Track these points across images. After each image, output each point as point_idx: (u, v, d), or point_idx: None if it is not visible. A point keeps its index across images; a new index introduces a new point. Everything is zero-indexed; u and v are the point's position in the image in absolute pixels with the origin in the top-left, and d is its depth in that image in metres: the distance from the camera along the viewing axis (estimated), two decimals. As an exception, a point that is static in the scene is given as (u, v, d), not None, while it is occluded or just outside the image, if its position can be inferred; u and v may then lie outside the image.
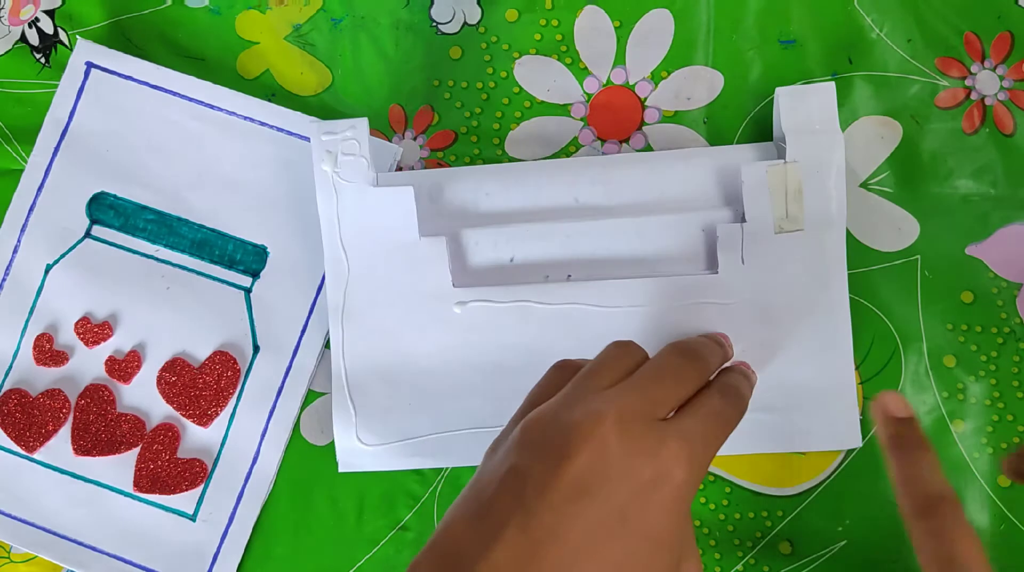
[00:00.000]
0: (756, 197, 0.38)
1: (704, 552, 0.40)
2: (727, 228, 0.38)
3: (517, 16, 0.42)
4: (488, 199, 0.41)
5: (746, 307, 0.38)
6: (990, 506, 0.38)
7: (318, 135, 0.39)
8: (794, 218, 0.38)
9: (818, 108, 0.38)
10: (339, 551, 0.41)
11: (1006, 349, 0.39)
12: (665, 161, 0.40)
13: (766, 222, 0.38)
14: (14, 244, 0.43)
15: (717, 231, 0.38)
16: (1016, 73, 0.40)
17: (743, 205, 0.38)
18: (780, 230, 0.38)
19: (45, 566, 0.43)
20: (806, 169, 0.38)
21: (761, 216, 0.38)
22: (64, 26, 0.45)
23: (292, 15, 0.44)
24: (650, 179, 0.40)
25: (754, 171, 0.38)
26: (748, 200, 0.38)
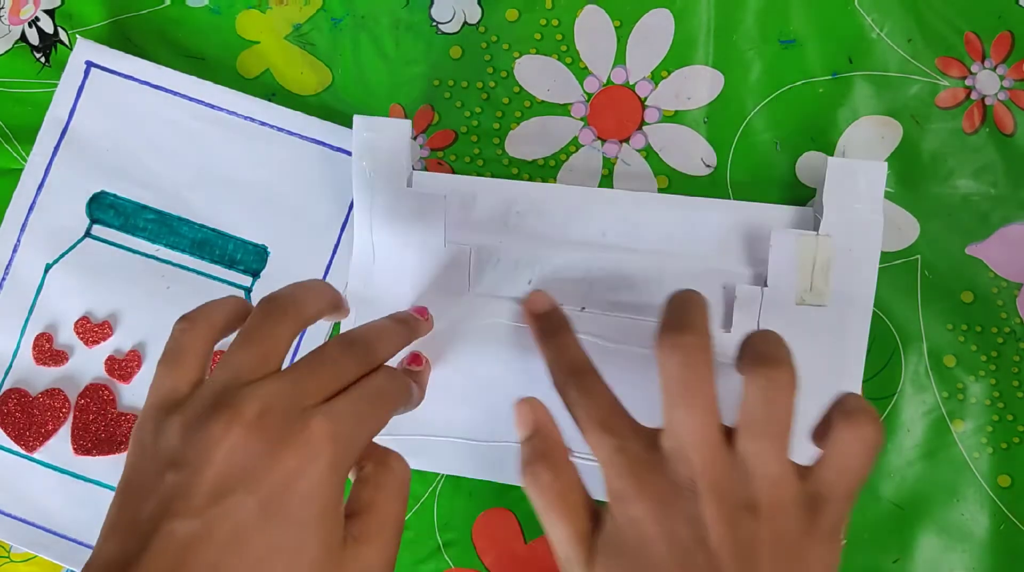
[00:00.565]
0: (782, 264, 0.37)
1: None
2: (747, 290, 0.38)
3: (517, 16, 0.42)
4: (517, 217, 0.41)
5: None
6: (990, 506, 0.38)
7: (361, 131, 0.39)
8: (818, 292, 0.37)
9: (865, 186, 0.37)
10: (339, 551, 0.41)
11: (1006, 349, 0.39)
12: (697, 209, 0.40)
13: (788, 291, 0.37)
14: (14, 243, 0.43)
15: (736, 291, 0.38)
16: (1016, 73, 0.40)
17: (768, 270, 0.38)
18: (802, 302, 0.37)
19: (45, 566, 0.43)
20: (839, 245, 0.37)
21: (784, 284, 0.37)
22: (64, 25, 0.45)
23: (292, 15, 0.44)
24: (680, 226, 0.40)
25: (784, 238, 0.37)
26: (773, 265, 0.38)
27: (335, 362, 0.29)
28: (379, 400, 0.30)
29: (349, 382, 0.29)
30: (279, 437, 0.26)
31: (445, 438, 0.40)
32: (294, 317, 0.29)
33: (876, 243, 0.37)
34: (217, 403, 0.26)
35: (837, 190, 0.37)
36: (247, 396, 0.26)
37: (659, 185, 0.41)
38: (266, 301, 0.30)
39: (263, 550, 0.25)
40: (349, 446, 0.27)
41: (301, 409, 0.27)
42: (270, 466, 0.25)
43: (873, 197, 0.37)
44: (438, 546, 0.41)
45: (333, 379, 0.28)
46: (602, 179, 0.42)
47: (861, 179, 0.37)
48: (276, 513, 0.25)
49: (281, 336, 0.29)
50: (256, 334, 0.28)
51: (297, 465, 0.26)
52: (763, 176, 0.41)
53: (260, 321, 0.29)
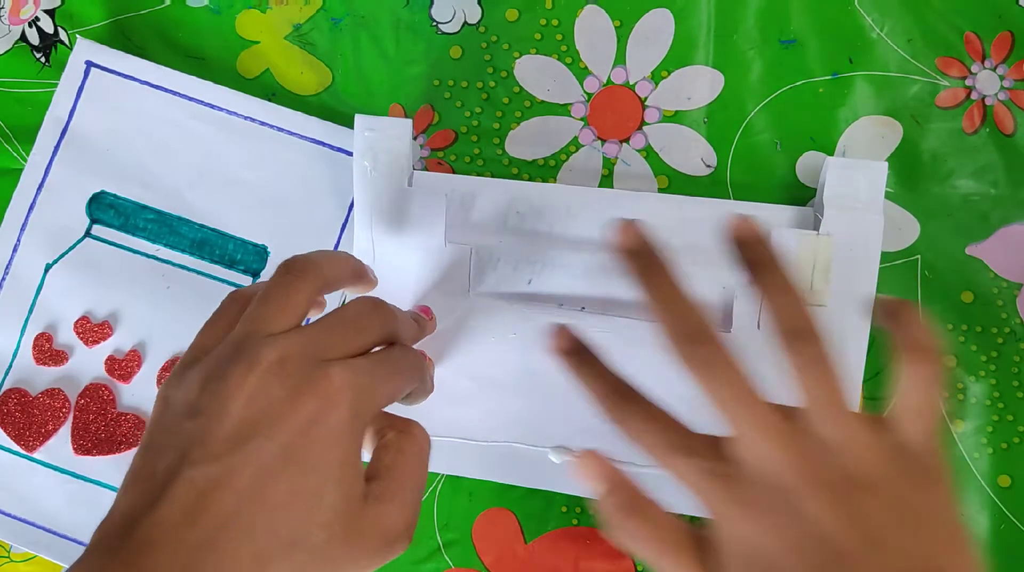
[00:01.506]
0: None
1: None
2: (747, 290, 0.38)
3: (517, 16, 0.42)
4: (517, 217, 0.41)
5: (753, 371, 0.38)
6: (990, 506, 0.38)
7: (363, 130, 0.39)
8: (818, 292, 0.37)
9: (865, 186, 0.37)
10: (339, 551, 0.41)
11: (1006, 349, 0.39)
12: (698, 209, 0.40)
13: None
14: (14, 243, 0.43)
15: (736, 291, 0.38)
16: (1016, 73, 0.40)
17: None
18: None
19: (45, 565, 0.43)
20: (839, 245, 0.37)
21: None
22: (64, 25, 0.45)
23: (292, 14, 0.44)
24: (680, 226, 0.40)
25: (784, 237, 0.37)
26: None
27: (358, 321, 0.29)
28: (397, 369, 0.29)
29: (369, 345, 0.29)
30: (298, 384, 0.26)
31: (445, 438, 0.40)
32: (313, 278, 0.29)
33: (876, 243, 0.37)
34: (236, 354, 0.26)
35: (837, 190, 0.37)
36: (266, 345, 0.26)
37: (659, 185, 0.41)
38: (285, 263, 0.30)
39: (284, 496, 0.25)
40: (368, 399, 0.27)
41: (321, 360, 0.27)
42: (289, 412, 0.25)
43: (873, 197, 0.37)
44: (438, 546, 0.41)
45: (355, 336, 0.28)
46: (602, 179, 0.42)
47: (861, 179, 0.37)
48: (296, 458, 0.25)
49: (300, 294, 0.29)
50: (275, 292, 0.29)
51: (316, 411, 0.26)
52: (763, 176, 0.41)
53: (279, 280, 0.29)
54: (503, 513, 0.41)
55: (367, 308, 0.30)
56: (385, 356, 0.29)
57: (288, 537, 0.25)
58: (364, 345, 0.29)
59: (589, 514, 0.40)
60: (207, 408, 0.25)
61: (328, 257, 0.31)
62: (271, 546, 0.24)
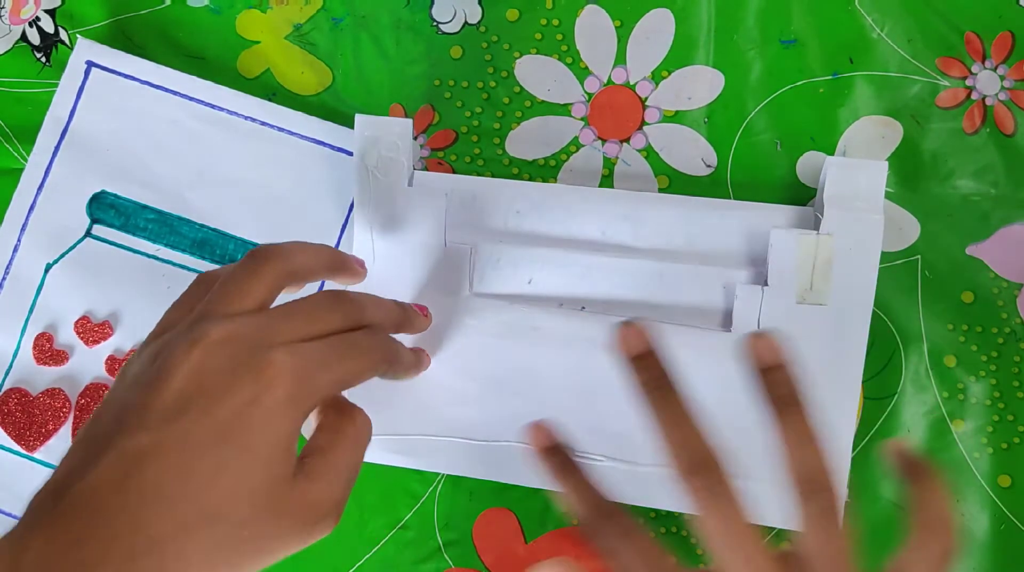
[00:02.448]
0: (782, 264, 0.37)
1: (704, 552, 0.40)
2: (747, 289, 0.38)
3: (518, 16, 0.42)
4: (517, 217, 0.41)
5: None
6: (990, 506, 0.38)
7: (363, 130, 0.39)
8: (818, 292, 0.37)
9: (865, 185, 0.37)
10: (339, 550, 0.41)
11: (1007, 349, 0.39)
12: (698, 209, 0.40)
13: (788, 290, 0.37)
14: (14, 243, 0.43)
15: (736, 290, 0.38)
16: (1017, 73, 0.40)
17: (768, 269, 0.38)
18: (802, 301, 0.37)
19: (45, 565, 0.43)
20: (839, 245, 0.37)
21: (784, 283, 0.37)
22: (65, 25, 0.45)
23: (293, 14, 0.44)
24: (680, 225, 0.40)
25: (784, 237, 0.37)
26: (773, 265, 0.38)
27: (314, 310, 0.29)
28: (352, 352, 0.29)
29: (324, 333, 0.29)
30: (240, 364, 0.26)
31: (445, 438, 0.40)
32: (277, 265, 0.30)
33: (876, 242, 0.37)
34: (187, 331, 0.27)
35: (838, 189, 0.37)
36: (215, 324, 0.27)
37: (659, 185, 0.41)
38: (253, 250, 0.30)
39: (210, 470, 0.25)
40: (310, 386, 0.27)
41: (268, 345, 0.27)
42: (227, 391, 0.26)
43: (874, 196, 0.37)
44: (439, 546, 0.41)
45: (308, 324, 0.29)
46: (602, 179, 0.42)
47: (862, 178, 0.37)
48: (227, 436, 0.26)
49: (261, 280, 0.29)
50: (236, 276, 0.29)
51: (253, 394, 0.26)
52: (763, 176, 0.41)
53: (243, 265, 0.29)
54: (503, 513, 0.41)
55: (326, 298, 0.30)
56: (339, 341, 0.29)
57: (211, 510, 0.25)
58: (318, 333, 0.29)
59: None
60: (150, 380, 0.26)
61: (300, 247, 0.31)
62: (194, 517, 0.25)
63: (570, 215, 0.41)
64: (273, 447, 0.26)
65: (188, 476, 0.25)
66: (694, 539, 0.39)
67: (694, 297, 0.39)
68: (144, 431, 0.25)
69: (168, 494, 0.25)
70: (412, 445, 0.40)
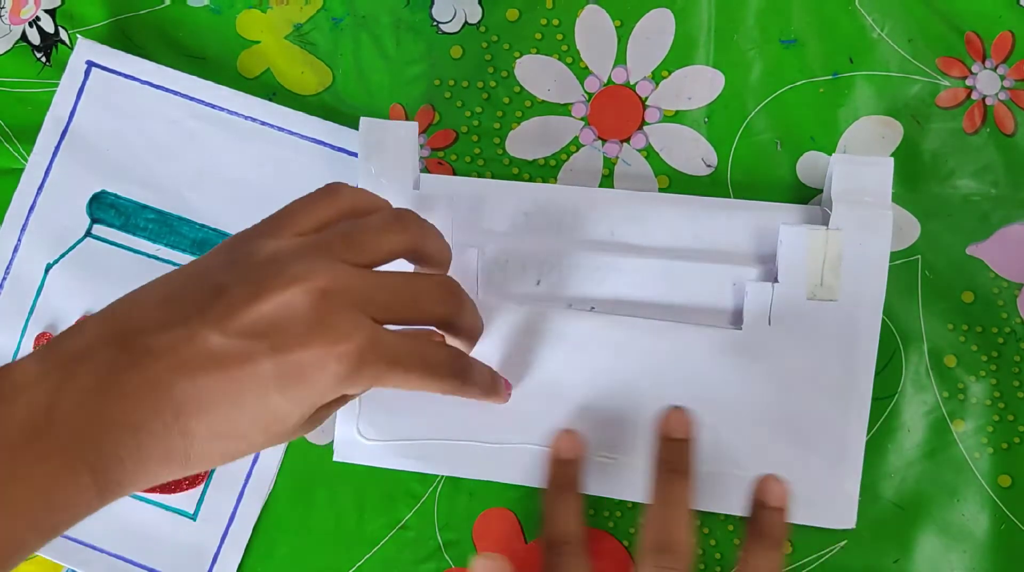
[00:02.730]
0: (792, 260, 0.37)
1: (704, 552, 0.40)
2: (757, 286, 0.38)
3: (518, 15, 0.42)
4: (524, 219, 0.41)
5: (764, 368, 0.38)
6: (990, 506, 0.38)
7: (366, 134, 0.39)
8: (828, 287, 0.37)
9: (873, 181, 0.37)
10: (339, 550, 0.41)
11: (1007, 349, 0.39)
12: (706, 208, 0.40)
13: (799, 286, 0.37)
14: (14, 243, 0.43)
15: (746, 288, 0.38)
16: (1017, 73, 0.40)
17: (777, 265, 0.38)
18: (812, 297, 0.37)
19: (45, 565, 0.43)
20: (848, 240, 0.37)
21: (794, 280, 0.37)
22: (65, 25, 0.45)
23: (293, 14, 0.44)
24: (687, 225, 0.40)
25: (793, 233, 0.37)
26: (783, 262, 0.38)
27: (419, 299, 0.29)
28: (425, 362, 0.29)
29: (415, 322, 0.29)
30: (326, 323, 0.27)
31: (446, 439, 0.40)
32: (411, 237, 0.30)
33: (886, 237, 0.37)
34: (301, 259, 0.27)
35: (845, 185, 0.37)
36: (327, 271, 0.27)
37: (660, 185, 0.41)
38: (400, 211, 0.30)
39: (249, 401, 0.26)
40: (370, 374, 0.27)
41: (360, 314, 0.27)
42: (301, 343, 0.26)
43: (881, 192, 0.37)
44: (439, 546, 0.41)
45: (407, 309, 0.29)
46: (603, 179, 0.42)
47: (868, 174, 0.37)
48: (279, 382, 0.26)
49: (388, 242, 0.29)
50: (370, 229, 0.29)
51: (321, 357, 0.26)
52: (764, 176, 0.41)
53: (383, 221, 0.30)
54: (503, 513, 0.41)
55: (438, 289, 0.30)
56: (420, 344, 0.29)
57: (234, 431, 0.27)
58: (409, 322, 0.29)
59: (590, 514, 0.40)
60: (247, 290, 0.27)
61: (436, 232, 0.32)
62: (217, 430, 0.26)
63: (577, 216, 0.41)
64: (310, 406, 0.27)
65: (230, 397, 0.26)
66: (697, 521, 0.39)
67: (703, 295, 0.39)
68: (218, 333, 0.26)
69: (206, 401, 0.26)
70: (425, 450, 0.40)
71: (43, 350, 0.27)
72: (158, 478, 0.27)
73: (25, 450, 0.24)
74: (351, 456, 0.40)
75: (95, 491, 0.25)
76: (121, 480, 0.26)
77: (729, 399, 0.38)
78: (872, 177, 0.37)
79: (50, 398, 0.25)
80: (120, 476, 0.26)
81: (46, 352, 0.27)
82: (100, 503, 0.26)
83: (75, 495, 0.25)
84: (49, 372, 0.26)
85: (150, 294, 0.28)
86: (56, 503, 0.25)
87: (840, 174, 0.37)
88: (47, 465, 0.25)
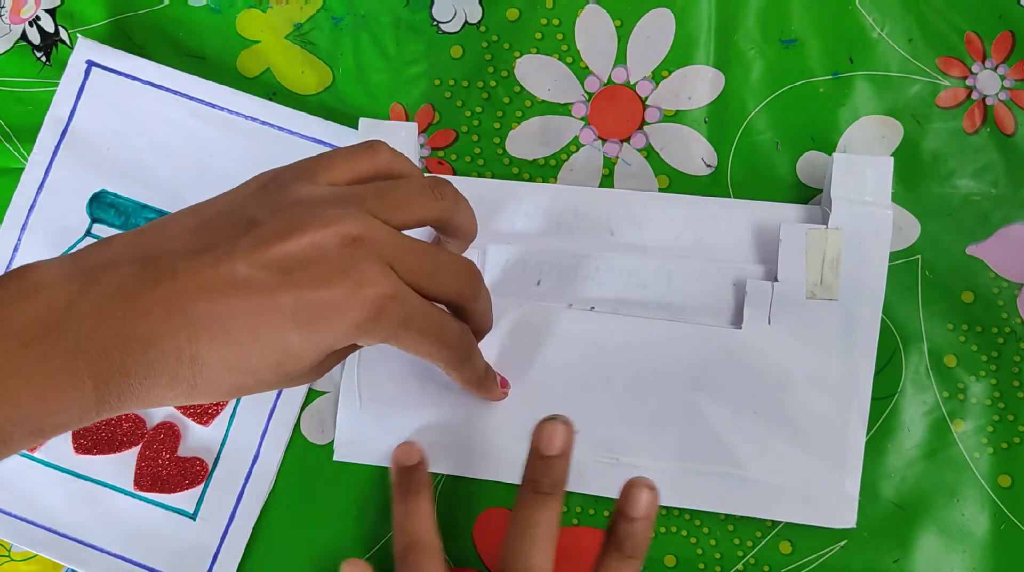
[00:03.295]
0: (791, 258, 0.38)
1: (704, 552, 0.40)
2: (757, 285, 0.38)
3: (518, 15, 0.42)
4: (525, 219, 0.41)
5: (765, 367, 0.38)
6: (990, 506, 0.38)
7: (368, 134, 0.39)
8: (828, 286, 0.37)
9: (872, 180, 0.37)
10: (339, 550, 0.41)
11: (1007, 349, 0.39)
12: (706, 208, 0.40)
13: (798, 285, 0.38)
14: (15, 243, 0.43)
15: (746, 287, 0.38)
16: (1017, 73, 0.40)
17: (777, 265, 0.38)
18: (812, 296, 0.38)
19: (45, 564, 0.43)
20: (848, 239, 0.37)
21: (794, 278, 0.38)
22: (65, 24, 0.45)
23: (293, 14, 0.44)
24: (688, 224, 0.40)
25: (793, 232, 0.38)
26: (783, 260, 0.38)
27: (444, 268, 0.29)
28: (441, 332, 0.29)
29: (437, 296, 0.29)
30: (351, 267, 0.26)
31: (446, 439, 0.40)
32: (442, 207, 0.30)
33: (886, 236, 0.37)
34: (336, 203, 0.27)
35: (845, 184, 0.37)
36: (358, 218, 0.27)
37: (660, 185, 0.41)
38: (432, 179, 0.30)
39: (266, 334, 0.26)
40: (387, 326, 0.27)
41: (384, 265, 0.27)
42: (325, 283, 0.26)
43: (881, 191, 0.37)
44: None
45: (430, 270, 0.29)
46: (603, 179, 0.42)
47: (868, 174, 0.38)
48: (298, 319, 0.26)
49: (417, 209, 0.29)
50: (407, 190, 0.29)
51: (342, 300, 0.26)
52: (764, 176, 0.41)
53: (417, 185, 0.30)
54: (504, 513, 0.41)
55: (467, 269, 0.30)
56: (441, 315, 0.29)
57: (245, 364, 0.26)
58: (430, 291, 0.29)
59: (589, 514, 0.40)
60: (278, 226, 0.27)
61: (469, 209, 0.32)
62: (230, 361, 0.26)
63: (577, 216, 0.41)
64: (325, 349, 0.27)
65: (247, 327, 0.26)
66: (694, 538, 0.39)
67: (704, 295, 0.39)
68: (245, 264, 0.26)
69: (222, 328, 0.26)
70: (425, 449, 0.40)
71: (67, 256, 0.27)
72: (160, 400, 0.26)
73: (33, 346, 0.24)
74: (351, 456, 0.40)
75: (94, 400, 0.25)
76: (122, 395, 0.25)
77: (729, 398, 0.38)
78: (872, 176, 0.37)
79: (69, 299, 0.25)
80: (122, 390, 0.25)
81: (70, 258, 0.26)
82: (96, 415, 0.26)
83: (73, 399, 0.25)
84: (72, 275, 0.26)
85: (180, 221, 0.28)
86: (51, 404, 0.25)
87: (840, 173, 0.38)
88: (51, 364, 0.24)
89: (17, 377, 0.24)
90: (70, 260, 0.27)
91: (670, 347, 0.38)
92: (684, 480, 0.38)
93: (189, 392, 0.26)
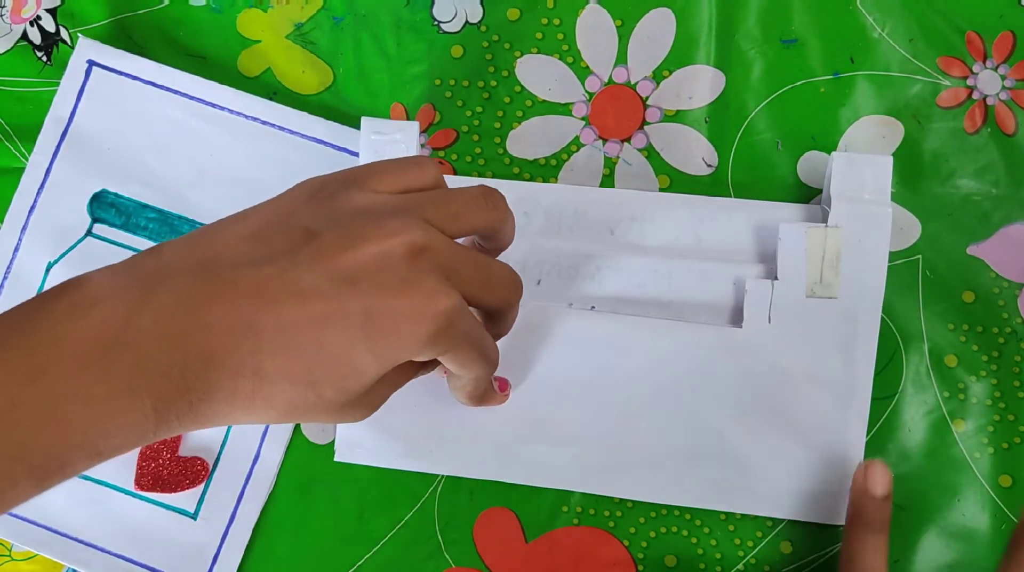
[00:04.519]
0: (791, 257, 0.37)
1: (704, 552, 0.40)
2: (757, 284, 0.38)
3: (519, 15, 0.42)
4: (525, 218, 0.41)
5: (765, 366, 0.38)
6: (991, 506, 0.38)
7: (368, 134, 0.39)
8: (828, 285, 0.37)
9: (872, 178, 0.37)
10: (340, 550, 0.41)
11: (1007, 349, 0.39)
12: (706, 208, 0.40)
13: (798, 284, 0.38)
14: (15, 243, 0.43)
15: (746, 286, 0.38)
16: (1018, 73, 0.40)
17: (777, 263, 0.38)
18: (812, 294, 0.37)
19: (46, 564, 0.43)
20: (848, 238, 0.37)
21: (794, 277, 0.37)
22: (66, 24, 0.45)
23: (293, 13, 0.44)
24: (688, 224, 0.40)
25: (792, 230, 0.38)
26: (782, 259, 0.38)
27: (495, 278, 0.29)
28: (485, 357, 0.30)
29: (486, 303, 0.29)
30: (420, 277, 0.26)
31: (446, 439, 0.40)
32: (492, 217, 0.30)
33: (885, 235, 0.37)
34: (401, 213, 0.27)
35: (844, 183, 0.37)
36: (425, 228, 0.27)
37: (660, 185, 0.41)
38: (490, 191, 0.30)
39: (332, 346, 0.25)
40: (448, 338, 0.27)
41: (450, 277, 0.27)
42: (394, 294, 0.26)
43: (881, 189, 0.37)
44: (439, 545, 0.41)
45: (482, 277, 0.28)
46: (603, 179, 0.42)
47: (868, 172, 0.38)
48: (365, 331, 0.25)
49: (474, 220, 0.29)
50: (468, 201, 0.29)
51: (409, 310, 0.26)
52: (764, 176, 0.41)
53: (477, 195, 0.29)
54: (504, 512, 0.41)
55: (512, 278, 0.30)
56: (487, 337, 0.29)
57: (306, 378, 0.25)
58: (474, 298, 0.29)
59: (590, 514, 0.40)
60: (343, 237, 0.26)
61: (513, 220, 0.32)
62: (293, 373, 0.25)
63: (578, 216, 0.41)
64: (390, 362, 0.26)
65: (314, 336, 0.25)
66: (695, 538, 0.40)
67: (704, 294, 0.39)
68: (310, 274, 0.25)
69: (287, 340, 0.25)
70: (426, 449, 0.40)
71: (118, 266, 0.25)
72: (216, 417, 0.25)
73: (93, 366, 0.23)
74: (352, 456, 0.40)
75: (153, 421, 0.24)
76: (181, 414, 0.24)
77: (729, 397, 0.38)
78: (871, 175, 0.37)
79: (127, 313, 0.24)
80: (182, 409, 0.24)
81: (122, 268, 0.25)
82: (154, 436, 0.25)
83: (132, 421, 0.24)
84: (128, 287, 0.24)
85: (233, 228, 0.27)
86: (110, 427, 0.23)
87: (839, 171, 0.38)
88: (109, 385, 0.23)
89: (76, 402, 0.23)
90: (122, 270, 0.25)
91: (670, 346, 0.38)
92: (684, 479, 0.38)
93: (247, 406, 0.25)
